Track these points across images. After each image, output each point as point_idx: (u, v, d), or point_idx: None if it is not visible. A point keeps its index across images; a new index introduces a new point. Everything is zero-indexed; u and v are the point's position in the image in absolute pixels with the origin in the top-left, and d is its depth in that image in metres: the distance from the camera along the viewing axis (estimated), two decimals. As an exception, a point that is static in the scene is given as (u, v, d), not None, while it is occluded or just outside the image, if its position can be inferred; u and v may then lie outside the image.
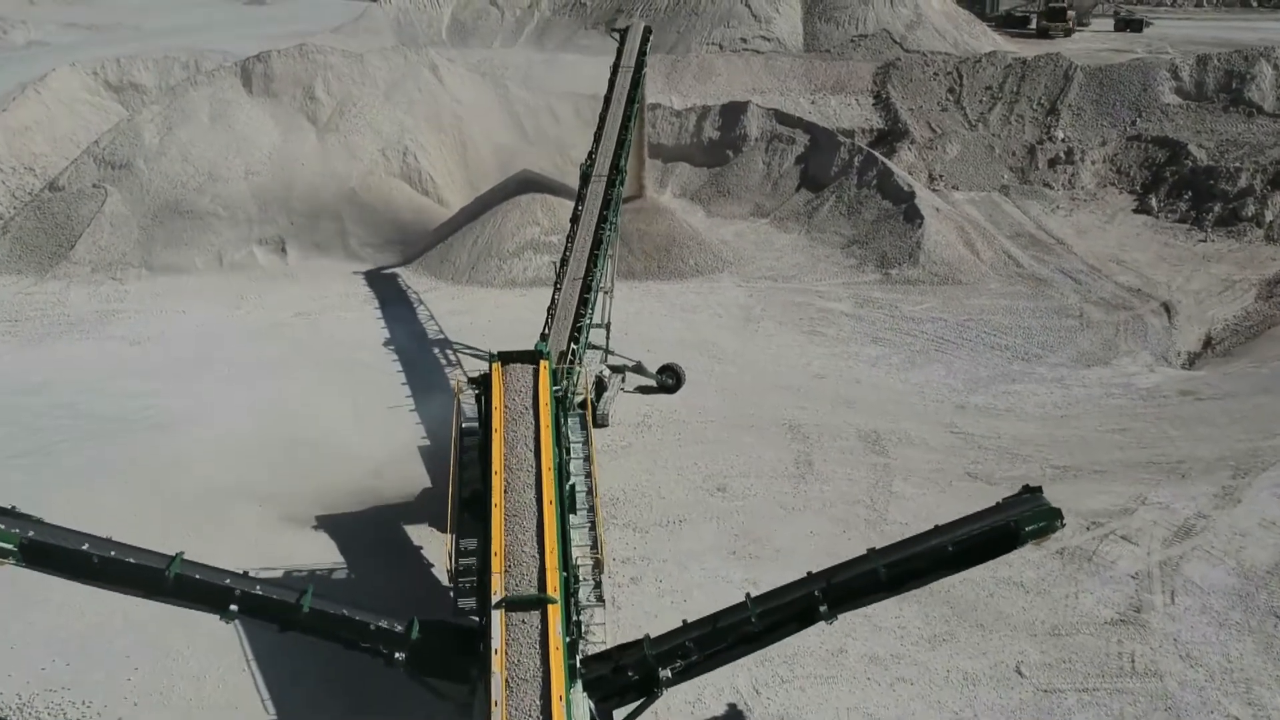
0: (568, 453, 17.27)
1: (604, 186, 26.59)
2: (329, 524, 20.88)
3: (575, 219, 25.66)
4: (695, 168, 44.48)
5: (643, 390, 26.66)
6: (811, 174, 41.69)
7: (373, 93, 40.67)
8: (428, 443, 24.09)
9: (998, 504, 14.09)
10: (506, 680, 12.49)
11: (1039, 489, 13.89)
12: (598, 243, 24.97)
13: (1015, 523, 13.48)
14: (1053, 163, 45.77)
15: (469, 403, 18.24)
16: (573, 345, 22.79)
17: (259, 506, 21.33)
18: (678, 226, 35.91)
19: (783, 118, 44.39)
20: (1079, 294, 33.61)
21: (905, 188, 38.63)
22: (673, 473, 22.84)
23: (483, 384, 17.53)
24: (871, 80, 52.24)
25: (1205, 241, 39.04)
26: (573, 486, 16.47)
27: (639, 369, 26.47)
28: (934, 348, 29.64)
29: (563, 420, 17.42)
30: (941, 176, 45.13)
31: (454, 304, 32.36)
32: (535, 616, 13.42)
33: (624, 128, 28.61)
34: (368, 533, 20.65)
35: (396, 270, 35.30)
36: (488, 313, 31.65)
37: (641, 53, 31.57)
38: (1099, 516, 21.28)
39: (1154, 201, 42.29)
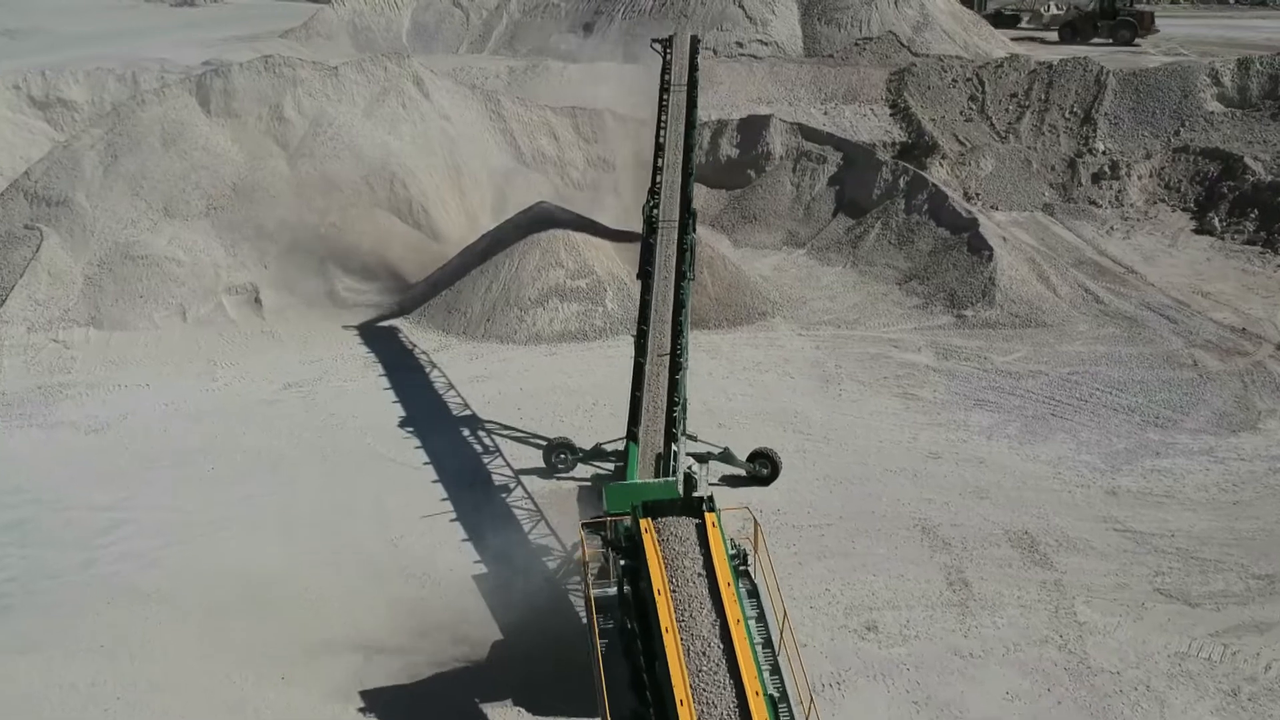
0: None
1: (677, 233, 21.93)
2: (377, 705, 15.82)
3: (647, 276, 20.91)
4: (712, 190, 39.77)
5: (729, 481, 21.89)
6: (849, 197, 37.22)
7: (350, 111, 35.34)
8: (483, 569, 19.07)
9: None
10: None
11: None
12: (679, 305, 20.31)
13: None
14: (1096, 178, 41.84)
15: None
16: (673, 446, 18.10)
17: (281, 681, 16.20)
18: (722, 265, 31.17)
19: (809, 133, 39.88)
20: (1180, 336, 29.51)
21: (964, 213, 34.31)
22: (804, 605, 18.08)
23: (627, 549, 12.69)
24: (885, 88, 48.01)
25: (1286, 266, 35.36)
26: (771, 698, 11.67)
27: (727, 457, 21.69)
28: (1048, 411, 25.28)
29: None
30: (978, 195, 40.98)
31: (473, 367, 27.27)
32: None
33: (688, 159, 23.92)
34: (431, 718, 15.65)
35: (394, 323, 30.08)
36: (516, 377, 26.64)
37: (693, 67, 26.90)
38: (1345, 653, 17.07)
39: (1216, 221, 38.54)
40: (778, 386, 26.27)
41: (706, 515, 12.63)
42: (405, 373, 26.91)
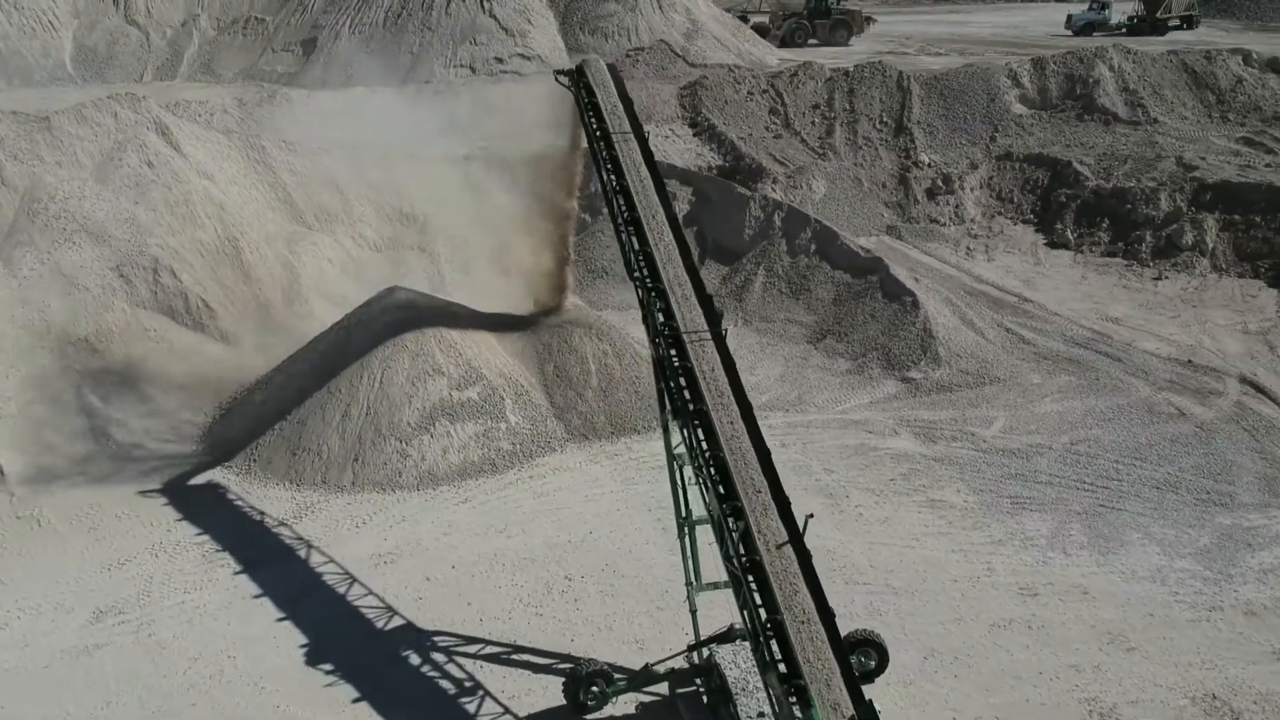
0: None
1: (716, 348, 15.60)
2: None
3: (695, 419, 14.40)
4: (542, 240, 33.09)
5: (819, 682, 15.83)
6: (713, 239, 31.94)
7: (77, 176, 25.99)
8: None
9: None
10: None
11: None
12: (766, 457, 14.11)
13: None
14: (931, 193, 38.88)
15: None
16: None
17: None
18: (629, 350, 24.83)
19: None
20: (1137, 378, 26.44)
21: (861, 252, 29.87)
22: None
23: None
24: (678, 104, 43.08)
25: (1160, 279, 33.50)
26: None
27: (823, 655, 15.60)
28: (1094, 501, 21.07)
29: None
30: (818, 221, 36.81)
31: (365, 538, 19.46)
32: None
33: (678, 233, 17.55)
34: None
35: (214, 476, 21.49)
36: (435, 548, 19.17)
37: (628, 103, 20.43)
38: None
39: (1069, 234, 36.41)
40: (780, 513, 20.34)
41: None
42: (271, 563, 18.72)
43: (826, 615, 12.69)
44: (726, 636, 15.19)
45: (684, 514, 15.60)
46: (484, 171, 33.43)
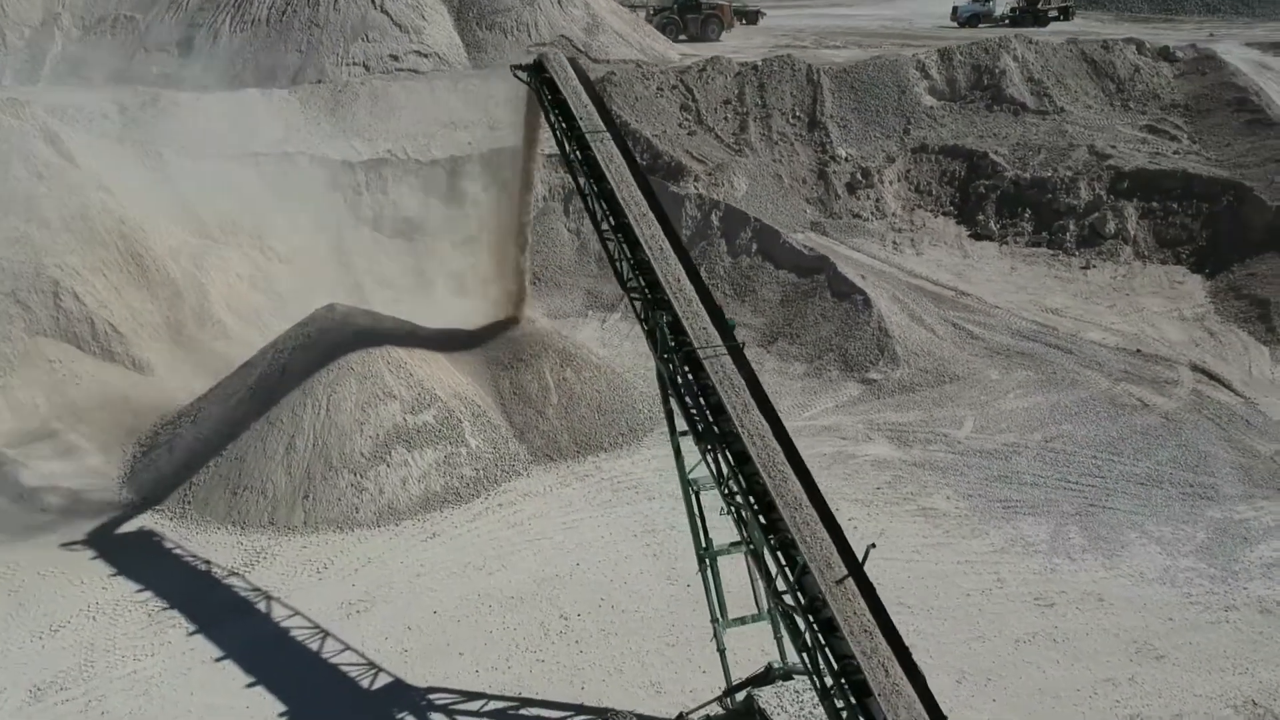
0: None
1: (733, 363, 14.17)
2: None
3: (715, 438, 13.16)
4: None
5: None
6: (648, 241, 30.48)
7: (-43, 191, 23.26)
8: None
9: None
10: None
11: None
12: (812, 486, 12.90)
13: None
14: (851, 188, 38.32)
15: None
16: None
17: None
18: (589, 364, 23.40)
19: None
20: (1091, 370, 26.26)
21: (806, 250, 29.02)
22: None
23: None
24: (588, 101, 41.59)
25: (1089, 268, 33.57)
26: None
27: (859, 686, 14.50)
28: (1084, 501, 20.61)
29: None
30: (758, 220, 35.88)
31: (330, 585, 17.59)
32: None
33: (674, 237, 16.19)
34: None
35: (145, 522, 19.28)
36: (409, 592, 17.43)
37: (597, 99, 18.97)
38: None
39: (992, 226, 36.28)
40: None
41: None
42: (227, 619, 16.72)
43: (903, 654, 11.61)
44: (764, 678, 13.96)
45: (704, 544, 14.34)
46: (396, 175, 31.60)
